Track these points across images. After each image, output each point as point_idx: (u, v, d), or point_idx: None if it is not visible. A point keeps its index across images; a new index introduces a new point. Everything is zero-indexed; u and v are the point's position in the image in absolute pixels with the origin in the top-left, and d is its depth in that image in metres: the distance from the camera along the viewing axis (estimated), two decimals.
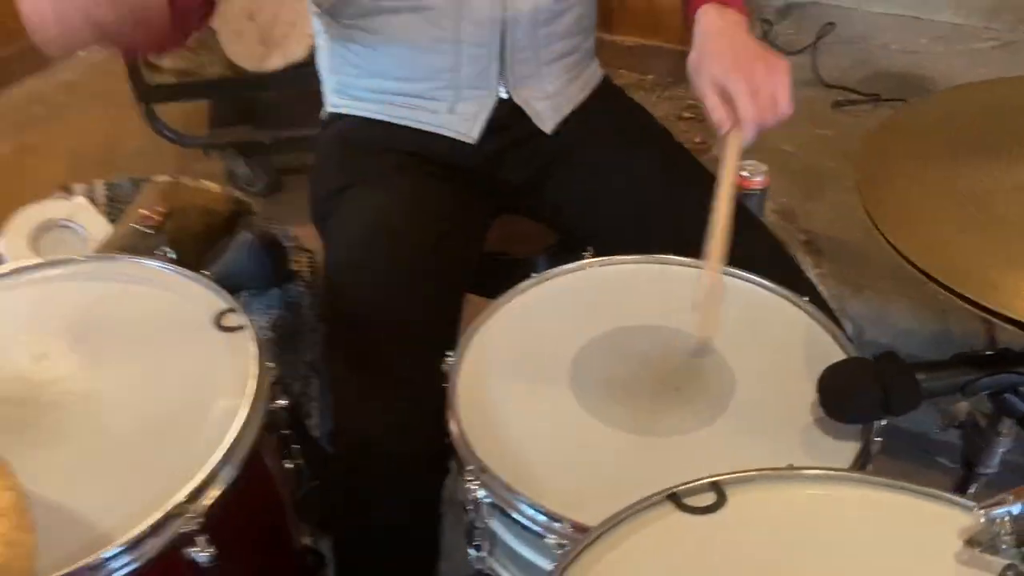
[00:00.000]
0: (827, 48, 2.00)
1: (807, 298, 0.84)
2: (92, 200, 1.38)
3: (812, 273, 1.49)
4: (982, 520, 0.50)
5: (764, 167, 1.47)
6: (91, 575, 0.65)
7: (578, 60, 1.09)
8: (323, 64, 1.11)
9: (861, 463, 0.68)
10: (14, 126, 2.41)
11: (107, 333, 0.83)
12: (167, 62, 2.03)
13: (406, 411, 0.82)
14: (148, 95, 1.93)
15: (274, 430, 0.84)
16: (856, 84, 1.89)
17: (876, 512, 0.56)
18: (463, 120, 1.04)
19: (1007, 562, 0.49)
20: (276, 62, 1.90)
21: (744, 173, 1.44)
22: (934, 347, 1.35)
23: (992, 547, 0.49)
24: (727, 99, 0.86)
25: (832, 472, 0.59)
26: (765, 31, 2.18)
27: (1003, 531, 0.49)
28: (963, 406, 0.85)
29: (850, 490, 0.58)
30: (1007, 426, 0.80)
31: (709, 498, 0.59)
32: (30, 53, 2.46)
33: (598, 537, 0.57)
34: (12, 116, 2.46)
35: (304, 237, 1.39)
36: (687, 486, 0.59)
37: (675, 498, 0.59)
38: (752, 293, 0.86)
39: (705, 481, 0.59)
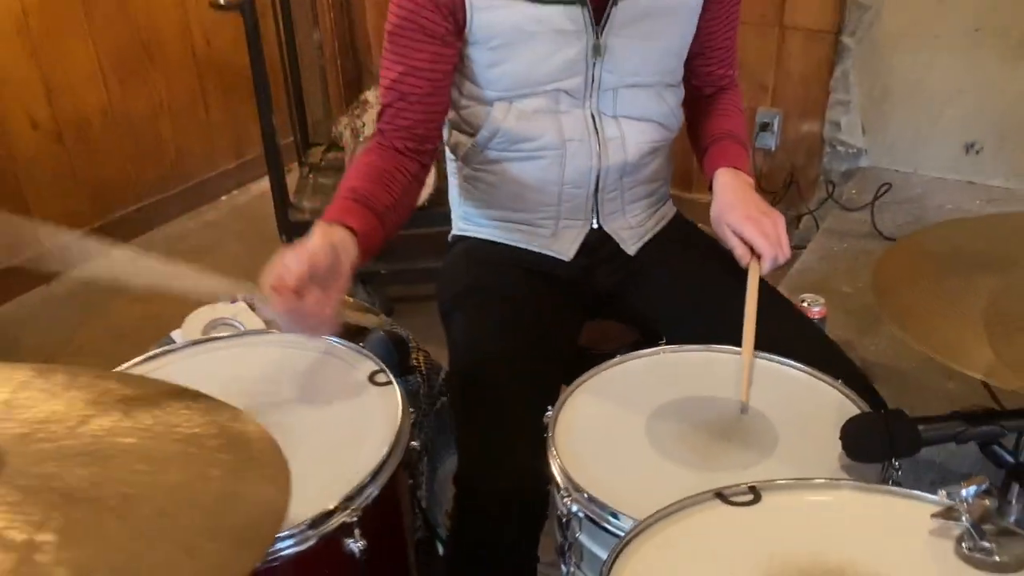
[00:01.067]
0: (885, 206, 2.25)
1: (840, 380, 1.05)
2: (250, 305, 1.70)
3: None
4: (945, 500, 0.70)
5: (822, 300, 1.70)
6: None
7: (655, 200, 1.37)
8: (453, 197, 1.43)
9: None
10: (166, 256, 2.83)
11: (291, 382, 1.10)
12: (306, 203, 2.42)
13: (516, 461, 1.05)
14: (289, 229, 2.31)
15: (407, 468, 1.08)
16: None
17: (867, 506, 0.76)
18: (562, 243, 1.33)
19: (963, 527, 0.68)
20: None
21: (804, 304, 1.67)
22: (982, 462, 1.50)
23: (952, 517, 0.69)
24: (744, 241, 1.15)
25: (838, 480, 0.80)
26: (829, 191, 2.46)
27: (961, 508, 0.69)
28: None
29: (850, 492, 0.78)
30: (1015, 493, 0.98)
31: (747, 497, 0.80)
32: (178, 198, 2.92)
33: (656, 522, 0.78)
34: (164, 248, 2.88)
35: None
36: (730, 488, 0.80)
37: (720, 495, 0.80)
38: (794, 375, 1.08)
39: (744, 485, 0.80)
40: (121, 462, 0.64)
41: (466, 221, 1.40)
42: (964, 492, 0.69)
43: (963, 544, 0.68)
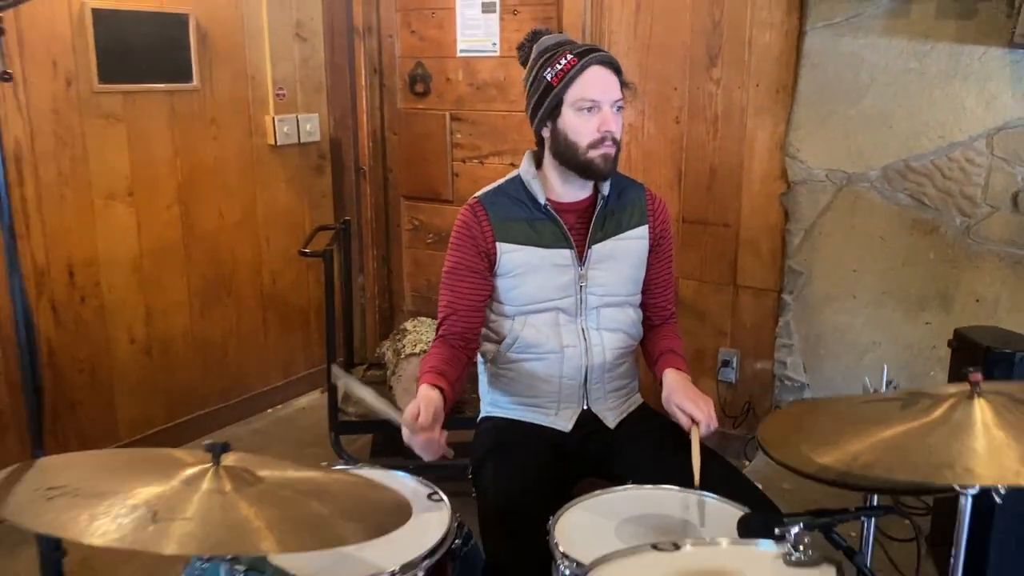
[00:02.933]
0: None
1: (749, 504, 1.58)
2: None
3: None
4: (782, 535, 1.23)
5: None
6: None
7: (628, 391, 1.97)
8: (483, 389, 2.02)
9: None
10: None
11: None
12: (351, 409, 3.00)
13: (528, 554, 1.56)
14: (338, 428, 2.87)
15: (448, 559, 1.57)
16: None
17: (743, 548, 1.28)
18: (562, 420, 1.90)
19: (787, 546, 1.21)
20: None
21: None
22: None
23: (784, 541, 1.21)
24: (687, 414, 1.73)
25: (724, 538, 1.32)
26: None
27: (788, 538, 1.22)
28: None
29: (729, 545, 1.30)
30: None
31: (671, 548, 1.32)
32: (234, 408, 3.53)
33: (613, 560, 1.30)
34: None
35: None
36: (660, 542, 1.33)
37: (654, 546, 1.32)
38: (719, 504, 1.61)
39: (670, 541, 1.33)
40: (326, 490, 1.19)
41: (492, 405, 1.99)
42: (792, 530, 1.23)
43: (786, 557, 1.21)
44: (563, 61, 1.77)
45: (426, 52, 3.76)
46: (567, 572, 1.41)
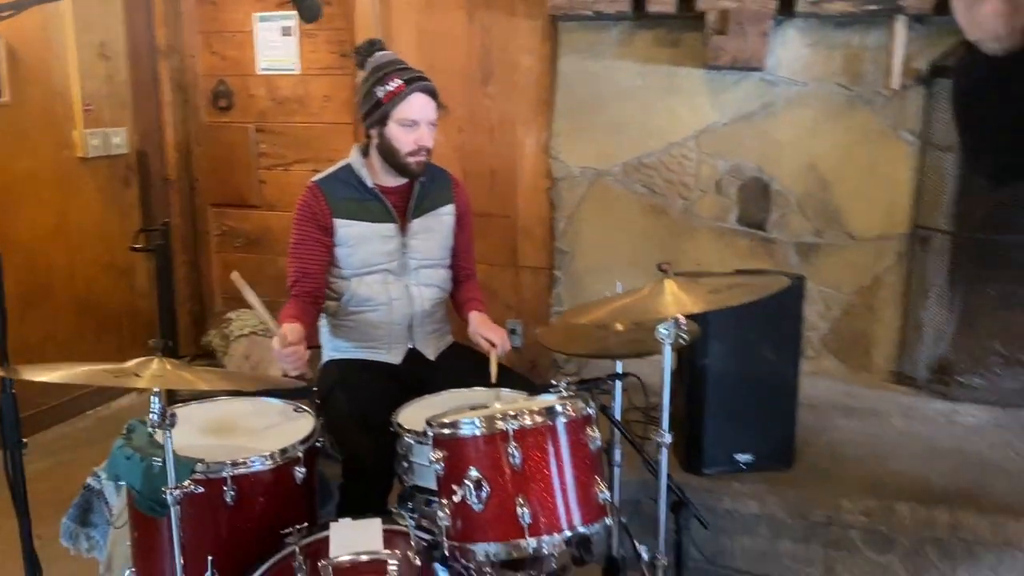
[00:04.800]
0: (589, 371, 3.58)
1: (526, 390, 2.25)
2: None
3: None
4: (557, 387, 1.90)
5: None
6: (245, 464, 1.91)
7: (443, 332, 2.61)
8: (324, 336, 2.57)
9: None
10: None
11: (270, 409, 2.14)
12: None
13: (378, 444, 2.14)
14: None
15: (316, 451, 2.11)
16: None
17: (528, 401, 1.94)
18: (393, 356, 2.50)
19: (560, 391, 1.88)
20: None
21: None
22: None
23: (557, 391, 1.88)
24: (487, 339, 2.38)
25: (517, 400, 1.98)
26: (557, 369, 3.77)
27: (562, 388, 1.89)
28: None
29: (527, 400, 1.96)
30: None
31: (483, 407, 1.95)
32: (55, 410, 3.75)
33: (436, 418, 1.92)
34: (46, 449, 3.64)
35: None
36: (474, 404, 1.96)
37: (471, 408, 1.95)
38: (513, 394, 2.27)
39: (481, 404, 1.96)
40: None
41: (334, 350, 2.54)
42: (563, 384, 1.90)
43: (559, 398, 1.88)
44: (393, 84, 2.36)
45: (228, 70, 4.21)
46: (411, 441, 2.01)
